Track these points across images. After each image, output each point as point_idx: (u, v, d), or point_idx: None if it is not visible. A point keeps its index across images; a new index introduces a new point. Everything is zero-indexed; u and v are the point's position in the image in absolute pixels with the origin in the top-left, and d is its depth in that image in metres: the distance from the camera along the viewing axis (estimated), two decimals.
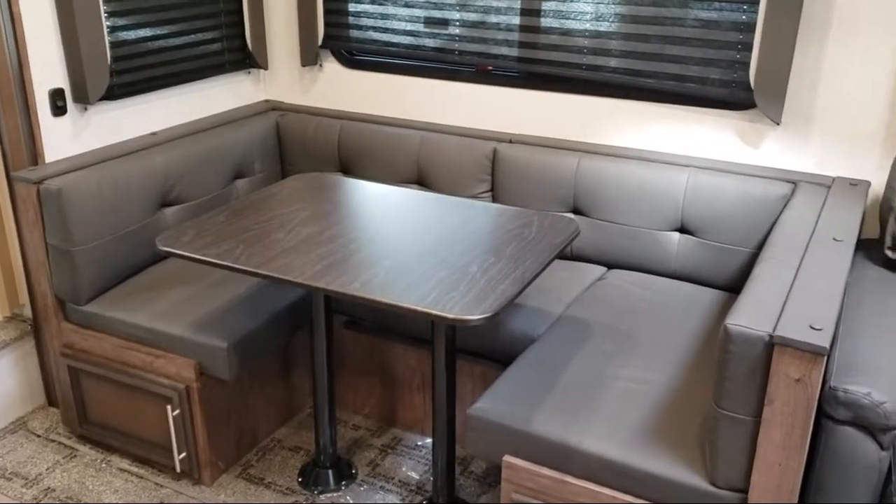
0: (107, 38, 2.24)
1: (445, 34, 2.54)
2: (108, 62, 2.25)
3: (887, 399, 1.40)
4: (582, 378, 1.78)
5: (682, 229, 2.22)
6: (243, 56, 2.75)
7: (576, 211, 2.36)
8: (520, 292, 1.60)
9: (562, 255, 2.39)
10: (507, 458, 1.67)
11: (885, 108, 2.03)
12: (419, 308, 1.51)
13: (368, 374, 2.36)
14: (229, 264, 1.67)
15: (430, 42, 2.57)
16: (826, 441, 1.47)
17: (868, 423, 1.41)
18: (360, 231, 1.86)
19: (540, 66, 2.41)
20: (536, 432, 1.63)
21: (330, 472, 2.14)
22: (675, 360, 1.84)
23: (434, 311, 1.50)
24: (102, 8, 2.22)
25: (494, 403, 1.70)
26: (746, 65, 2.12)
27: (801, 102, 2.12)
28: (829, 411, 1.45)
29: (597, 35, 2.30)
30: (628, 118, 2.35)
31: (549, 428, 1.63)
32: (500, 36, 2.45)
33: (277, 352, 2.30)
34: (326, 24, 2.69)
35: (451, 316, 1.49)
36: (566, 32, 2.34)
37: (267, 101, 2.89)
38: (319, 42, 2.71)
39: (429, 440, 2.30)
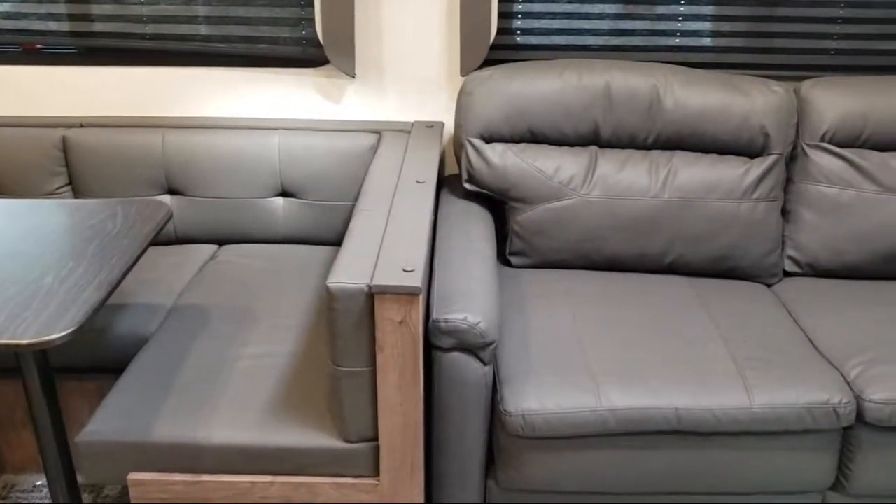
0: None
1: None
2: None
3: (481, 319, 1.53)
4: (203, 368, 1.68)
5: (284, 193, 2.20)
6: None
7: (172, 191, 2.20)
8: (108, 296, 1.43)
9: (165, 241, 2.23)
10: (132, 476, 1.52)
11: (443, 54, 2.19)
12: None
13: None
14: None
15: None
16: (438, 370, 1.57)
17: (469, 345, 1.53)
18: None
19: (97, 39, 2.17)
20: (160, 440, 1.50)
21: None
22: (296, 326, 1.82)
23: (2, 341, 1.28)
24: None
25: (106, 422, 1.53)
26: (312, 21, 2.13)
27: (371, 54, 2.20)
28: (436, 342, 1.54)
29: (154, 1, 2.13)
30: (209, 86, 2.24)
31: (172, 432, 1.51)
32: (43, 9, 2.15)
33: None
34: None
35: (25, 342, 1.28)
36: (120, 0, 2.13)
37: None
38: None
39: None
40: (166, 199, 2.20)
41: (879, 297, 1.93)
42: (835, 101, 1.99)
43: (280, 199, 2.20)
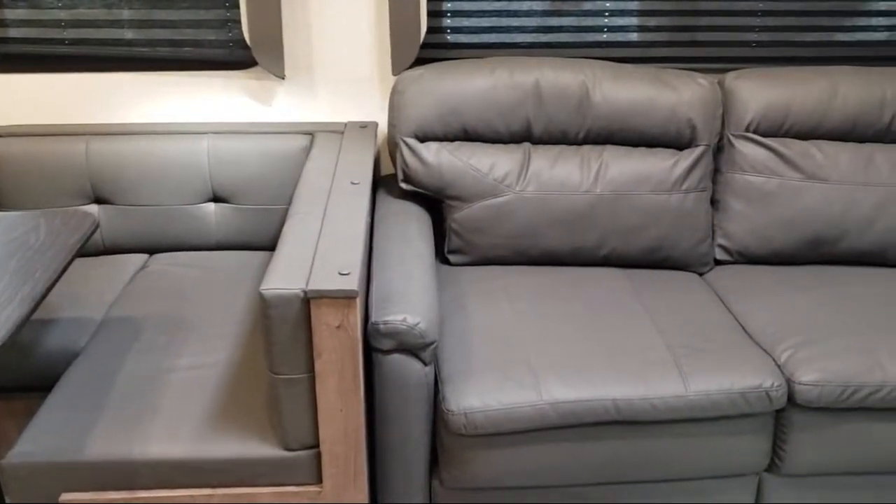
0: None
1: None
2: None
3: (420, 319, 1.52)
4: (136, 382, 1.63)
5: (216, 198, 2.16)
6: None
7: (98, 200, 2.14)
8: (32, 311, 1.38)
9: (93, 252, 2.16)
10: (65, 497, 1.47)
11: (374, 53, 2.18)
12: None
13: None
14: None
15: None
16: (379, 372, 1.56)
17: (409, 346, 1.53)
18: None
19: (12, 45, 2.09)
20: (93, 458, 1.46)
21: None
22: (232, 334, 1.79)
23: None
24: None
25: (36, 442, 1.48)
26: (239, 22, 2.10)
27: (301, 55, 2.17)
28: (376, 345, 1.53)
29: (72, 5, 2.06)
30: (133, 92, 2.18)
31: (106, 448, 1.47)
32: None
33: None
34: None
35: None
36: (35, 5, 2.06)
37: None
38: None
39: None
40: (93, 208, 2.13)
41: (806, 281, 1.99)
42: (758, 93, 2.04)
43: (211, 205, 2.16)
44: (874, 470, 1.73)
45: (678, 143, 2.02)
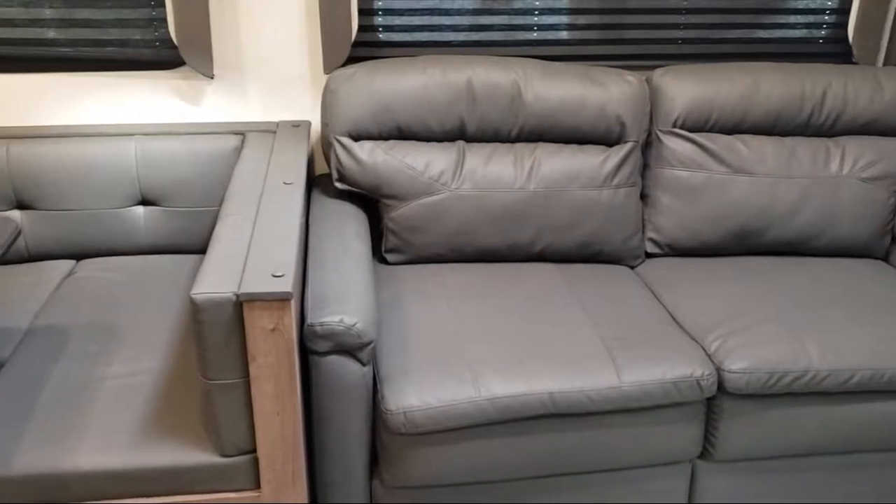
0: None
1: None
2: None
3: (357, 319, 1.52)
4: (65, 392, 1.58)
5: (145, 201, 2.11)
6: None
7: (21, 206, 2.06)
8: None
9: (17, 259, 2.09)
10: None
11: (305, 51, 2.16)
12: None
13: None
14: None
15: None
16: (317, 374, 1.55)
17: (347, 347, 1.52)
18: None
19: None
20: (20, 472, 1.41)
21: None
22: (165, 340, 1.75)
23: None
24: None
25: None
26: (165, 21, 2.05)
27: (230, 54, 2.13)
28: (312, 346, 1.52)
29: None
30: (56, 93, 2.11)
31: (34, 462, 1.42)
32: None
33: None
34: None
35: None
36: None
37: None
38: None
39: None
40: (15, 214, 2.06)
41: (734, 272, 2.05)
42: (684, 89, 2.09)
43: (140, 209, 2.11)
44: (801, 453, 1.79)
45: (608, 140, 2.06)
